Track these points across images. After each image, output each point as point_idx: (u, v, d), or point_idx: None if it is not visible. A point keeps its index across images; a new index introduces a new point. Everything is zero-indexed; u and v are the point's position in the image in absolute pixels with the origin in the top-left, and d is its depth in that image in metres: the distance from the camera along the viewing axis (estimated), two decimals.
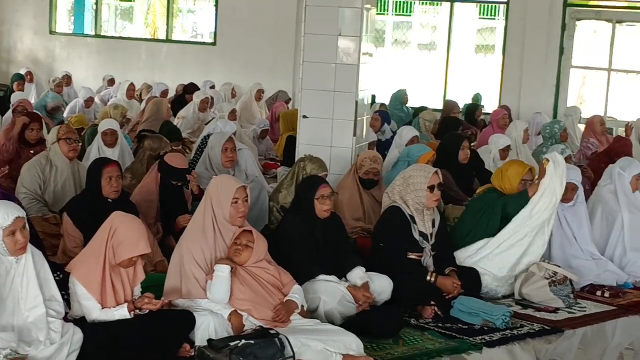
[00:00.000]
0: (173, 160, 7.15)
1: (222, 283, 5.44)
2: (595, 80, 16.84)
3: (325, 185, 6.31)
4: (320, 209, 6.23)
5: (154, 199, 7.10)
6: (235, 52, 17.50)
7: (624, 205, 7.88)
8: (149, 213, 6.99)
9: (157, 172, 7.15)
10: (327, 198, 6.25)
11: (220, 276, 5.45)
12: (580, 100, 17.81)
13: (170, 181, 7.08)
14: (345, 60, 8.46)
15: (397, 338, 5.90)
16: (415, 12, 28.61)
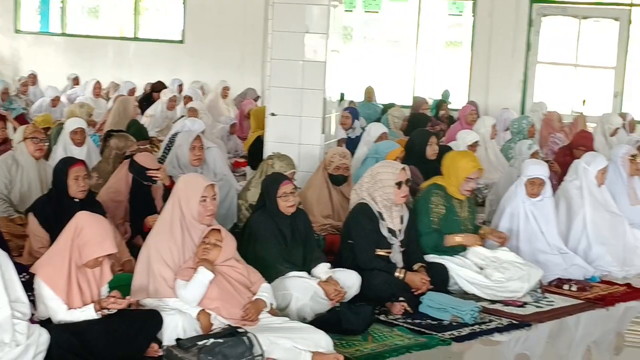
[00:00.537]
0: (144, 160, 7.12)
1: (200, 287, 5.43)
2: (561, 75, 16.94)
3: (287, 182, 6.31)
4: (284, 206, 6.23)
5: (122, 199, 7.06)
6: (204, 50, 17.47)
7: (587, 200, 7.94)
8: (117, 213, 6.96)
9: (128, 171, 7.11)
10: (289, 195, 6.24)
11: (202, 281, 5.43)
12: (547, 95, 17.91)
13: (141, 181, 7.04)
14: (313, 58, 8.46)
15: (366, 335, 5.90)
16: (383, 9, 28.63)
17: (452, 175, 7.13)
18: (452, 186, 7.12)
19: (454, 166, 7.14)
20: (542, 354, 6.29)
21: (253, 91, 15.65)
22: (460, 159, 7.23)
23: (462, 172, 7.08)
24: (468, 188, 7.12)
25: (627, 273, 7.74)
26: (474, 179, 7.14)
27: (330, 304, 6.04)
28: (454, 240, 7.01)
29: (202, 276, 5.44)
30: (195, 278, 5.44)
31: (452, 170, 7.14)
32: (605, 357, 6.35)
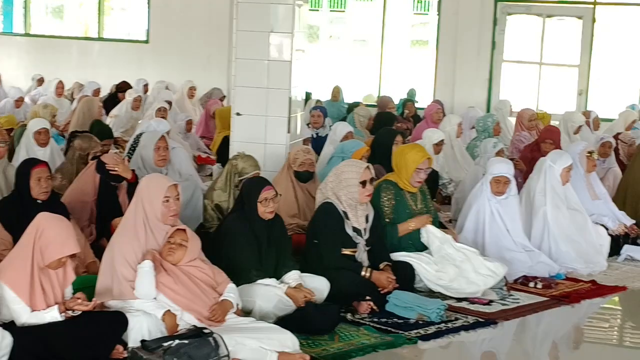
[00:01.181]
0: (110, 160, 7.08)
1: (144, 277, 5.38)
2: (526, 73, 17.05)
3: (269, 188, 6.29)
4: (264, 211, 6.21)
5: (88, 200, 7.00)
6: (169, 49, 17.40)
7: (550, 198, 7.98)
8: (83, 215, 6.90)
9: (95, 172, 7.06)
10: (270, 200, 6.22)
11: (143, 270, 5.39)
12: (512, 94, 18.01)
13: (108, 181, 7.00)
14: (278, 57, 8.44)
15: (332, 334, 5.90)
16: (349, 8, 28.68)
17: (402, 169, 7.18)
18: (403, 180, 7.16)
19: (403, 159, 7.18)
20: (509, 351, 6.32)
21: (219, 91, 15.61)
22: (408, 151, 7.28)
23: (412, 164, 7.13)
24: (419, 179, 7.17)
25: (592, 270, 7.80)
26: (423, 169, 7.18)
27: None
28: (406, 227, 7.04)
29: (141, 266, 5.39)
30: (138, 272, 5.39)
31: (402, 164, 7.19)
32: (571, 353, 6.39)
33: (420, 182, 7.21)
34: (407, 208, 7.18)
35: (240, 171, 7.57)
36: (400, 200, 7.15)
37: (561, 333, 6.75)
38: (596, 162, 8.84)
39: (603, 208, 8.58)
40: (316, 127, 11.91)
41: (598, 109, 14.75)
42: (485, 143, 10.13)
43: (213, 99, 14.75)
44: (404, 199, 7.18)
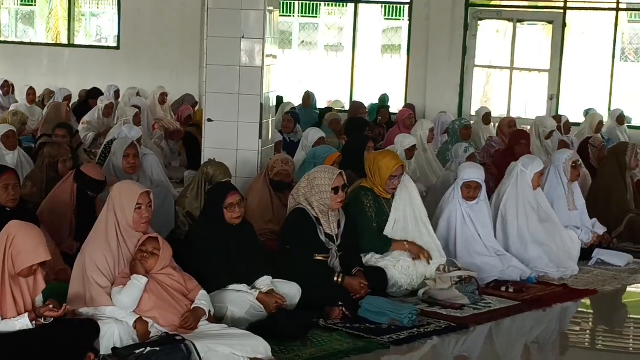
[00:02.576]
0: (91, 172, 7.02)
1: (135, 291, 5.39)
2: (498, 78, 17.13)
3: (234, 193, 6.26)
4: (230, 217, 6.19)
5: (66, 211, 6.94)
6: (140, 55, 17.33)
7: (521, 203, 8.01)
8: (62, 225, 6.84)
9: (72, 182, 7.01)
10: (236, 206, 6.20)
11: (136, 285, 5.40)
12: (485, 99, 18.11)
13: (86, 192, 6.95)
14: (250, 63, 8.42)
15: (305, 340, 5.89)
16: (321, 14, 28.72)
17: (376, 176, 7.21)
18: (377, 187, 7.19)
19: (377, 167, 7.21)
20: (481, 355, 6.35)
21: (191, 97, 15.57)
22: (381, 158, 7.29)
23: (385, 171, 7.15)
24: (393, 186, 7.20)
25: (563, 274, 7.83)
26: (397, 176, 7.19)
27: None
28: (401, 247, 7.08)
29: (137, 280, 5.41)
30: (131, 283, 5.40)
31: (375, 171, 7.22)
32: (544, 357, 6.41)
33: (394, 189, 7.23)
34: (384, 215, 7.21)
35: (211, 179, 7.56)
36: (378, 207, 7.18)
37: (533, 337, 6.77)
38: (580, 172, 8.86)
39: (578, 220, 8.60)
40: (287, 131, 11.90)
41: (568, 113, 14.88)
42: (457, 148, 10.18)
43: (185, 105, 14.72)
44: (380, 205, 7.20)
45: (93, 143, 12.13)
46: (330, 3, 25.56)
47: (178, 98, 15.65)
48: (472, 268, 7.24)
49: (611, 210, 9.25)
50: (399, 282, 6.95)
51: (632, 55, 28.16)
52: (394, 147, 10.04)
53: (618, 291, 7.73)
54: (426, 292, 6.92)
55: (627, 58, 27.00)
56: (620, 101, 16.40)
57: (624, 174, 9.50)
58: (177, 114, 14.41)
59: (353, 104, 15.20)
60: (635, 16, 25.43)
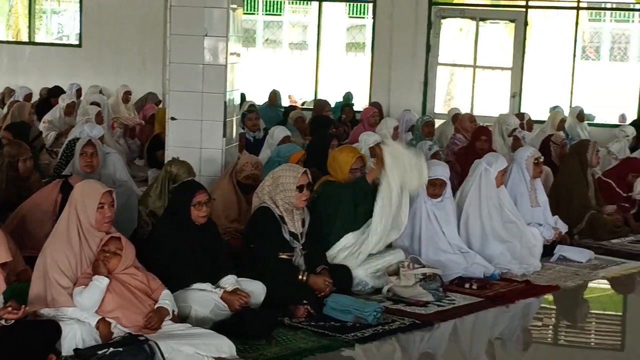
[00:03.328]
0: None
1: (96, 292, 5.35)
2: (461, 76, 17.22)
3: (202, 192, 6.24)
4: (197, 215, 6.16)
5: (45, 219, 6.87)
6: (102, 53, 17.22)
7: (485, 200, 8.05)
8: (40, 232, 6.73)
9: (58, 191, 6.94)
10: (203, 205, 6.18)
11: (98, 286, 5.36)
12: (448, 97, 18.20)
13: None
14: (213, 61, 8.40)
15: (270, 339, 5.87)
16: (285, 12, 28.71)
17: (338, 172, 7.23)
18: (341, 182, 7.21)
19: (337, 162, 7.25)
20: (445, 352, 6.36)
21: (154, 95, 15.50)
22: (339, 154, 7.35)
23: (345, 165, 7.19)
24: (354, 179, 7.20)
25: (526, 270, 7.87)
26: (358, 168, 7.22)
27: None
28: (373, 173, 7.08)
29: (98, 281, 5.37)
30: (92, 284, 5.36)
31: (336, 167, 7.25)
32: (507, 353, 6.44)
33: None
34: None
35: (175, 177, 7.53)
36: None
37: (497, 333, 6.82)
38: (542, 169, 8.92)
39: (541, 217, 8.65)
40: (253, 130, 11.88)
41: (531, 110, 14.98)
42: (421, 145, 10.21)
43: (148, 103, 14.64)
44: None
45: (55, 142, 12.04)
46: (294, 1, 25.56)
47: (141, 96, 15.57)
48: (436, 265, 7.25)
49: (572, 207, 9.32)
50: (364, 280, 6.95)
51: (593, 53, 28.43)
52: (358, 145, 10.06)
53: (580, 287, 7.78)
54: (390, 290, 6.93)
55: (587, 56, 27.25)
56: (581, 99, 16.54)
57: (585, 171, 9.58)
58: (140, 112, 14.34)
59: (317, 102, 15.21)
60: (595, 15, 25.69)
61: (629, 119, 15.69)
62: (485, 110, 16.40)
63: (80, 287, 5.38)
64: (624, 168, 10.34)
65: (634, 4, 18.34)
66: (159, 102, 15.07)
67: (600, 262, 8.46)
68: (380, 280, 7.04)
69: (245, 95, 14.68)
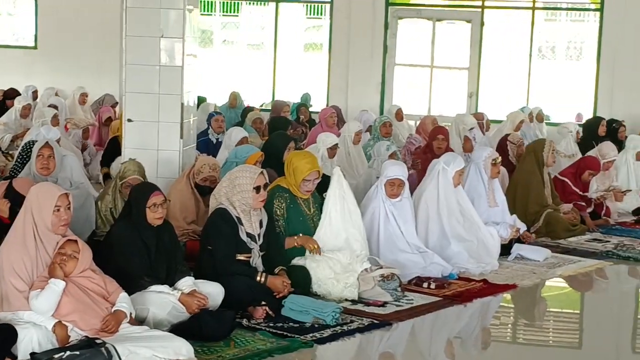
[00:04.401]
0: (19, 186, 6.88)
1: (53, 296, 5.30)
2: (419, 77, 17.27)
3: (158, 193, 6.20)
4: (152, 217, 6.12)
5: None
6: (59, 55, 17.08)
7: (442, 200, 8.09)
8: None
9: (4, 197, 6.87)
10: (159, 206, 6.14)
11: (54, 289, 5.31)
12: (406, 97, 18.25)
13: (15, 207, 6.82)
14: (169, 62, 8.35)
15: (228, 340, 5.85)
16: (242, 12, 28.63)
17: (291, 177, 7.21)
18: (293, 186, 7.20)
19: (292, 168, 7.22)
20: (405, 351, 6.38)
21: (111, 97, 15.40)
22: (297, 161, 7.28)
23: (299, 174, 7.17)
24: (306, 189, 7.21)
25: (484, 269, 7.92)
26: (311, 180, 7.21)
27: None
28: (292, 242, 7.07)
29: (54, 285, 5.32)
30: (48, 287, 5.31)
31: (291, 172, 7.22)
32: (466, 352, 6.47)
33: (309, 192, 7.25)
34: (301, 214, 7.21)
35: (123, 174, 7.50)
36: (294, 207, 7.18)
37: (455, 332, 6.84)
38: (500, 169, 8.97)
39: (499, 216, 8.70)
40: (218, 132, 11.86)
41: (487, 110, 15.08)
42: (379, 146, 10.25)
43: (105, 105, 14.55)
44: (297, 205, 7.21)
45: (10, 145, 11.93)
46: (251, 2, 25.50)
47: (97, 98, 15.46)
48: (394, 265, 7.28)
49: (529, 206, 9.40)
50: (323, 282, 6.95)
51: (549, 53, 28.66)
52: (315, 145, 10.07)
53: (537, 285, 7.84)
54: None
55: (543, 56, 27.48)
56: (537, 99, 16.68)
57: (542, 170, 9.66)
58: (97, 114, 14.23)
59: (275, 103, 15.19)
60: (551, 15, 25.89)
61: (585, 118, 15.85)
62: (443, 110, 16.50)
63: (36, 290, 5.33)
64: (580, 167, 10.43)
65: (589, 4, 18.52)
66: (115, 103, 14.96)
67: (557, 261, 8.54)
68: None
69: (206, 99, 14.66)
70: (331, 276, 6.91)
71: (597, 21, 16.44)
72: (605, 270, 8.52)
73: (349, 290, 6.88)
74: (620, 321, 7.24)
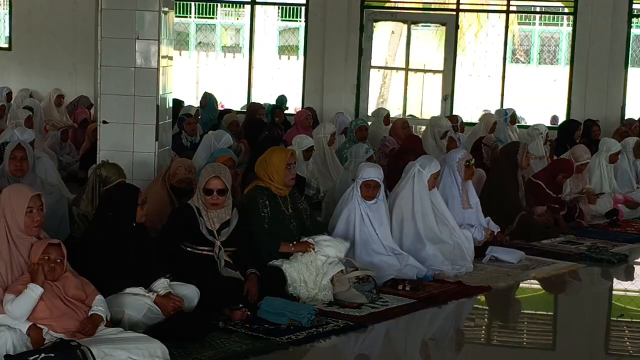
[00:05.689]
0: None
1: (28, 302, 5.28)
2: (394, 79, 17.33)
3: (141, 192, 6.30)
4: (141, 215, 6.19)
5: None
6: (33, 57, 16.98)
7: (417, 202, 8.11)
8: None
9: None
10: (144, 204, 6.23)
11: (31, 295, 5.28)
12: (381, 99, 18.30)
13: None
14: (145, 64, 8.33)
15: (204, 342, 5.84)
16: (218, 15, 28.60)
17: (273, 173, 7.21)
18: (275, 184, 7.21)
19: (270, 163, 7.23)
20: (380, 353, 6.39)
21: (86, 99, 15.33)
22: (270, 155, 7.31)
23: (280, 163, 7.19)
24: (291, 176, 7.24)
25: (458, 271, 7.94)
26: (292, 163, 7.24)
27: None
28: (288, 249, 7.07)
29: (32, 291, 5.29)
30: (25, 293, 5.28)
31: (270, 169, 7.22)
32: (441, 353, 6.49)
33: (293, 179, 7.27)
34: (281, 214, 7.22)
35: (105, 180, 7.47)
36: (274, 206, 7.19)
37: (430, 333, 6.87)
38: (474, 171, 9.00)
39: (473, 218, 8.74)
40: (192, 134, 11.82)
41: (462, 113, 15.14)
42: (357, 148, 10.25)
43: (80, 107, 14.49)
44: (277, 204, 7.22)
45: None
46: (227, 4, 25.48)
47: (72, 100, 15.40)
48: (369, 267, 7.30)
49: (503, 208, 9.41)
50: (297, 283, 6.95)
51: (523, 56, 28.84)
52: (291, 147, 10.07)
53: (511, 287, 7.88)
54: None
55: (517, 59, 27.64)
56: (511, 101, 16.77)
57: (516, 173, 9.70)
58: (72, 116, 14.18)
59: (251, 105, 15.18)
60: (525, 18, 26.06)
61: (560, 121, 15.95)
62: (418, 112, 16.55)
63: (11, 294, 5.30)
64: (553, 169, 10.49)
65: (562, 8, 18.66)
66: (90, 105, 14.90)
67: (531, 263, 8.58)
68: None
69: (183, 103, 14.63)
70: (306, 278, 6.91)
71: (571, 25, 16.55)
72: (578, 272, 8.57)
73: (323, 294, 6.89)
74: (594, 323, 7.28)
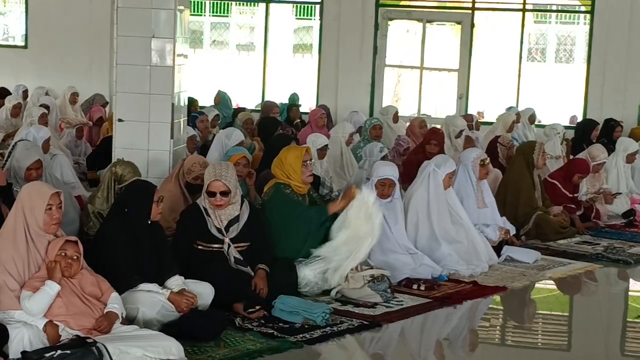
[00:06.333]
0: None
1: (45, 299, 5.31)
2: (409, 78, 17.30)
3: (156, 189, 6.33)
4: (156, 212, 6.21)
5: None
6: (49, 55, 17.05)
7: (433, 201, 8.10)
8: None
9: None
10: (160, 202, 6.26)
11: (48, 292, 5.31)
12: (395, 98, 18.28)
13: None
14: (160, 63, 8.35)
15: (218, 340, 5.86)
16: (232, 13, 28.64)
17: (290, 172, 7.22)
18: (295, 182, 7.22)
19: (287, 163, 7.25)
20: (394, 353, 6.39)
21: (101, 97, 15.37)
22: (285, 155, 7.33)
23: (296, 161, 7.22)
24: (308, 173, 7.26)
25: (473, 271, 7.93)
26: (307, 160, 7.26)
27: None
28: (335, 207, 7.10)
29: (49, 288, 5.32)
30: (42, 290, 5.31)
31: (287, 168, 7.24)
32: (455, 353, 6.48)
33: (311, 176, 7.30)
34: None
35: (120, 178, 7.49)
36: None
37: (444, 333, 6.86)
38: (488, 170, 8.98)
39: (488, 217, 8.71)
40: (205, 133, 11.83)
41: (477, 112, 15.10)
42: (372, 147, 10.25)
43: (95, 105, 14.53)
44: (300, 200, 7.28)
45: (1, 143, 11.91)
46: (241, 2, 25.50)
47: (88, 98, 15.44)
48: (384, 266, 7.30)
49: (519, 208, 9.41)
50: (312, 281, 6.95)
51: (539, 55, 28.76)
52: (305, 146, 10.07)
53: (527, 287, 7.85)
54: (339, 291, 6.95)
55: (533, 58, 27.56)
56: (527, 100, 16.72)
57: (532, 172, 9.67)
58: (87, 114, 14.22)
59: (265, 103, 15.18)
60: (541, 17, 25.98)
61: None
62: (433, 111, 16.53)
63: (28, 291, 5.32)
64: (570, 169, 10.46)
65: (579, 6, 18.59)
66: (105, 103, 14.95)
67: (546, 263, 8.55)
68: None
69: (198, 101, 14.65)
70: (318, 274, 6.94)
71: (588, 23, 16.49)
72: (594, 272, 8.54)
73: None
74: (609, 324, 7.26)
